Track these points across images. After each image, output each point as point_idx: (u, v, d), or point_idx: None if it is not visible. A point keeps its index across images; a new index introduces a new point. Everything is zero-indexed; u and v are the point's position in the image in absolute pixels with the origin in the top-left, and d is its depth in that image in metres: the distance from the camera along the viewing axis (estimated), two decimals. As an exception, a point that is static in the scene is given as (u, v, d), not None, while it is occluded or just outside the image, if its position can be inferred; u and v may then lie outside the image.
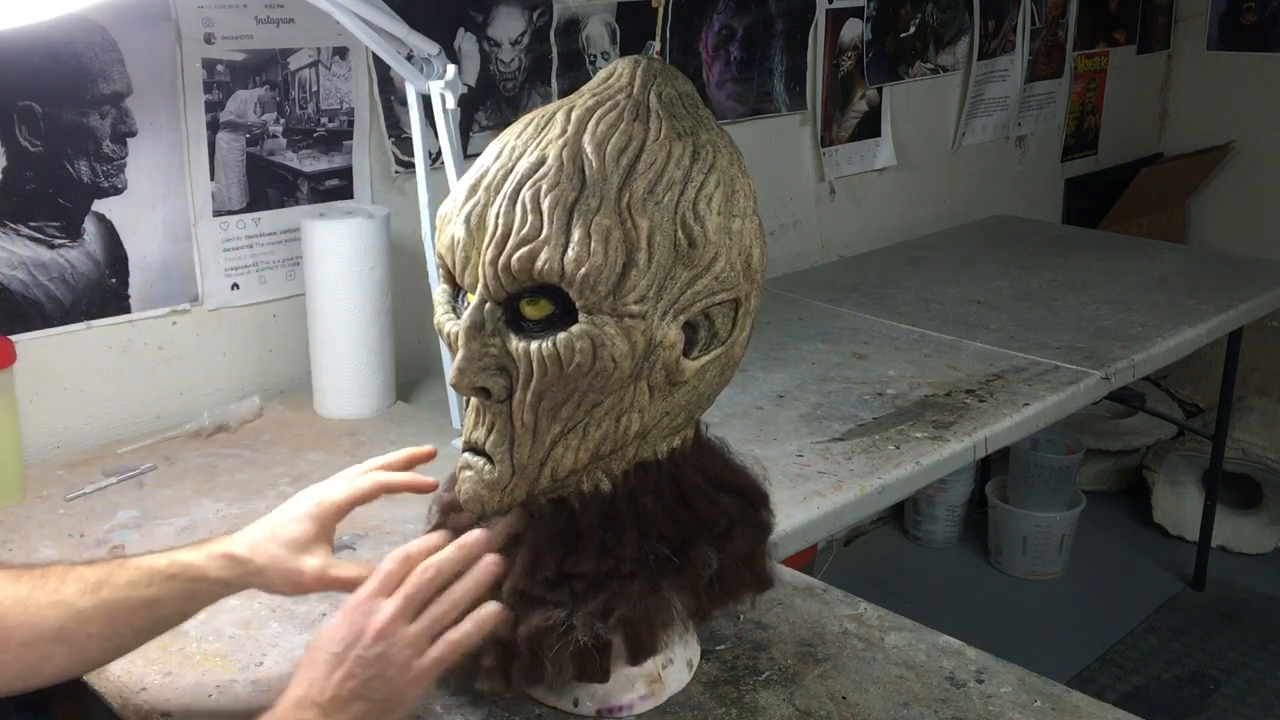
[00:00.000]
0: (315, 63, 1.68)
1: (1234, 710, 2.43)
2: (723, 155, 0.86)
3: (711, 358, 0.87)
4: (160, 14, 1.52)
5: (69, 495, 1.39)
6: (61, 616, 0.89)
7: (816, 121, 2.52)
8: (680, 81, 0.89)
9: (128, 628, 0.91)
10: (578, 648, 0.88)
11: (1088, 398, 1.89)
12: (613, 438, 0.86)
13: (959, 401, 1.74)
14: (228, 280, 1.66)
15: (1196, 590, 2.85)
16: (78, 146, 1.48)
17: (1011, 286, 2.37)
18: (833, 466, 1.52)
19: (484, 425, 0.86)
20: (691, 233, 0.83)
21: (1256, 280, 2.44)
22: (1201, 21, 3.50)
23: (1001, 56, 2.93)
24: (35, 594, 0.89)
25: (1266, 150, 3.44)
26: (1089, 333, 2.07)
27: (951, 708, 0.98)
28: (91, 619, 0.90)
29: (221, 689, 1.01)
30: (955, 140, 2.91)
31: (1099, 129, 3.40)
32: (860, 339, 2.03)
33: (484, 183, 0.85)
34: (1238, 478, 3.06)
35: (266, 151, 1.66)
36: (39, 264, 1.48)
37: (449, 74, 1.46)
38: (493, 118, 1.91)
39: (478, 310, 0.84)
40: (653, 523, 0.91)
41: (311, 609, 1.13)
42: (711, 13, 2.23)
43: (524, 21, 1.92)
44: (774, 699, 0.99)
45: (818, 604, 1.14)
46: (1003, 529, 2.92)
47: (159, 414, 1.63)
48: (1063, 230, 3.07)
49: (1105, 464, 3.26)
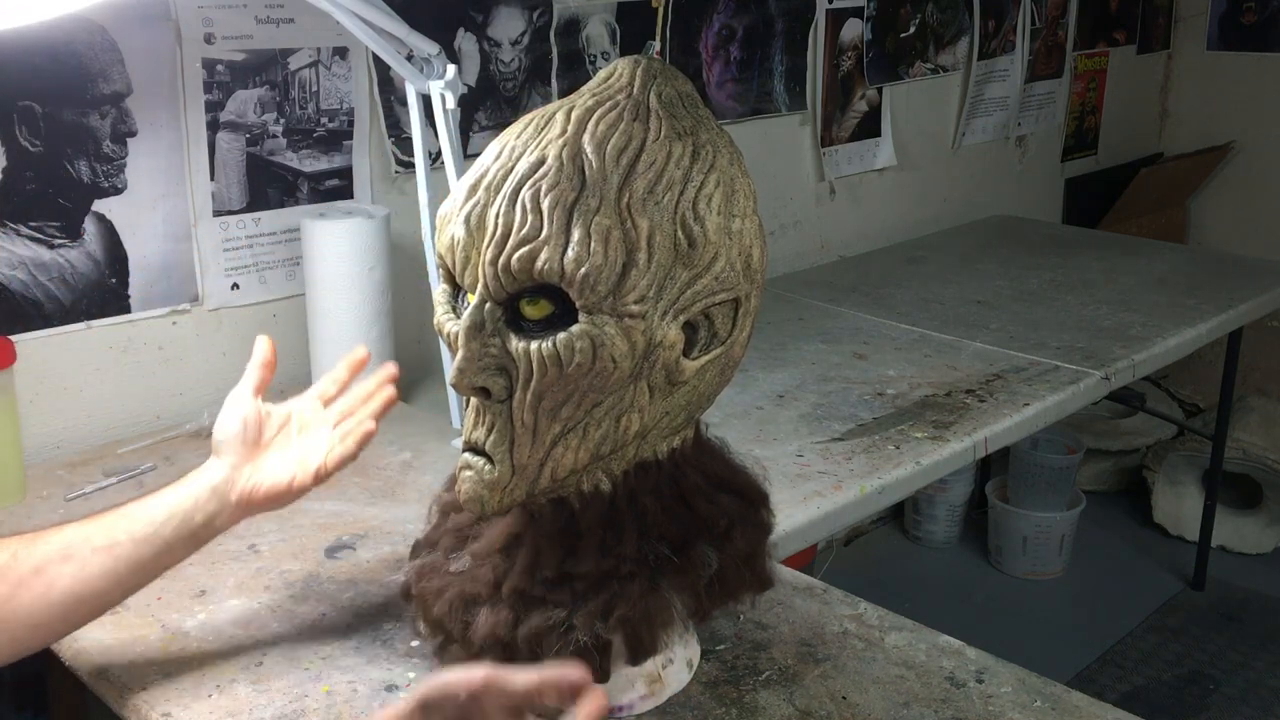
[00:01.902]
0: (315, 63, 1.68)
1: (1234, 710, 2.43)
2: (723, 155, 0.86)
3: (711, 358, 0.87)
4: (160, 14, 1.52)
5: (69, 495, 1.39)
6: (65, 537, 0.94)
7: (816, 121, 2.52)
8: (680, 81, 0.89)
9: (125, 534, 0.95)
10: (578, 648, 0.88)
11: (1088, 398, 1.89)
12: (613, 438, 0.86)
13: (959, 401, 1.74)
14: (228, 280, 1.66)
15: (1196, 590, 2.85)
16: (78, 146, 1.48)
17: (1011, 286, 2.37)
18: (833, 466, 1.52)
19: (484, 425, 0.86)
20: (691, 233, 0.83)
21: (1256, 280, 2.44)
22: (1201, 21, 3.50)
23: (1001, 56, 2.93)
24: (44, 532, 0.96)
25: (1266, 150, 3.44)
26: (1089, 333, 2.07)
27: (951, 708, 0.98)
28: (93, 533, 0.95)
29: (221, 689, 1.01)
30: (955, 140, 2.91)
31: (1099, 129, 3.40)
32: (860, 339, 2.03)
33: (484, 183, 0.85)
34: (1238, 478, 3.06)
35: (266, 151, 1.66)
36: (39, 264, 1.48)
37: (449, 74, 1.46)
38: (493, 118, 1.91)
39: (478, 310, 0.84)
40: (653, 523, 0.91)
41: (311, 609, 1.13)
42: (711, 13, 2.23)
43: (524, 21, 1.92)
44: (774, 699, 0.99)
45: (818, 604, 1.14)
46: (1003, 529, 2.93)
47: (159, 414, 1.63)
48: (1063, 230, 3.07)
49: (1105, 464, 3.26)
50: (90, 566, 0.94)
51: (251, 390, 1.01)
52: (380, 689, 1.01)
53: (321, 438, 1.03)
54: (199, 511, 0.97)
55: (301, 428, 1.03)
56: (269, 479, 0.99)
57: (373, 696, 1.00)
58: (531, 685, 0.74)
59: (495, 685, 0.75)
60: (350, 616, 1.12)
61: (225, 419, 1.00)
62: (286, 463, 1.00)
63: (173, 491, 0.98)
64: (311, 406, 1.06)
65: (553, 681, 0.74)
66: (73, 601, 0.94)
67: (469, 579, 0.92)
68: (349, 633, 1.10)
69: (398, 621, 1.10)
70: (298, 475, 1.00)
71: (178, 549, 0.97)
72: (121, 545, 0.95)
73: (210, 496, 0.97)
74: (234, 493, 0.98)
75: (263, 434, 1.00)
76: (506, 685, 0.75)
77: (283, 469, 1.00)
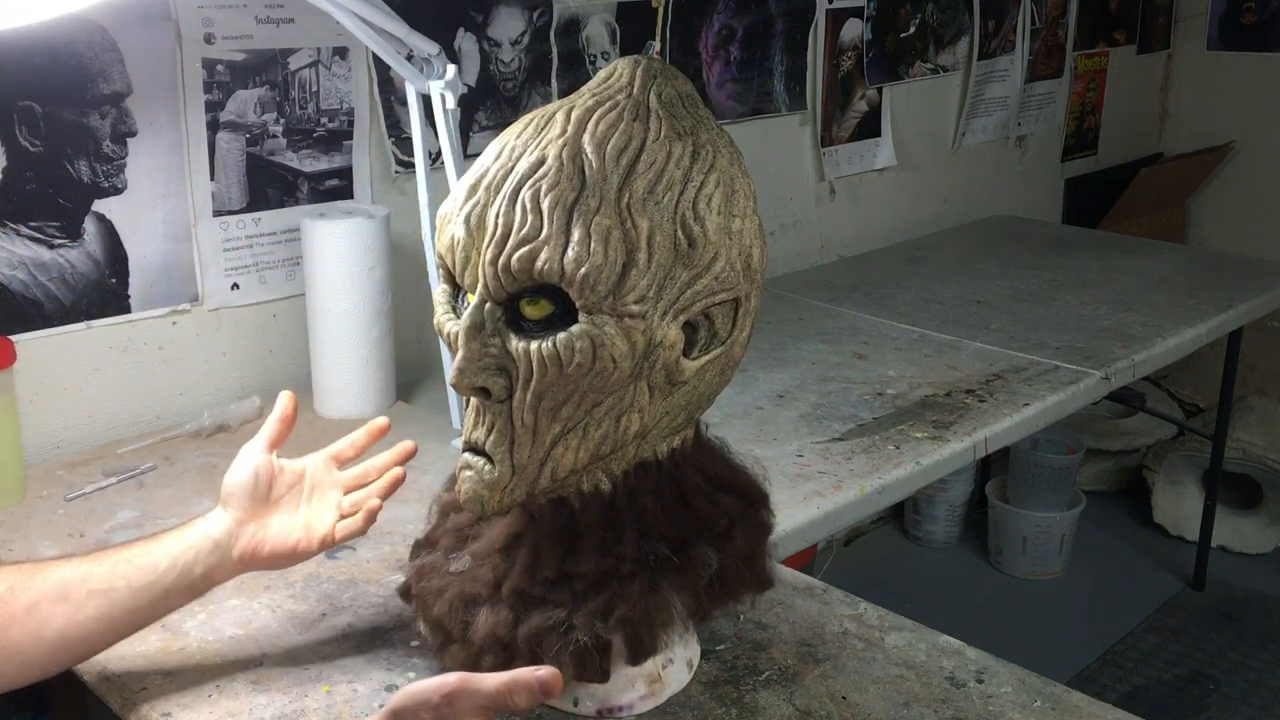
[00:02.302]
0: (315, 63, 1.68)
1: (1234, 710, 2.43)
2: (723, 155, 0.86)
3: (711, 358, 0.87)
4: (160, 14, 1.52)
5: (69, 495, 1.39)
6: (64, 575, 0.94)
7: (816, 121, 2.52)
8: (680, 81, 0.89)
9: (123, 580, 0.94)
10: (578, 648, 0.88)
11: (1088, 398, 1.89)
12: (613, 438, 0.86)
13: (959, 401, 1.74)
14: (228, 280, 1.66)
15: (1196, 590, 2.85)
16: (78, 146, 1.48)
17: (1011, 286, 2.37)
18: (833, 466, 1.52)
19: (484, 425, 0.86)
20: (691, 233, 0.83)
21: (1256, 280, 2.44)
22: (1201, 21, 3.50)
23: (1001, 56, 2.93)
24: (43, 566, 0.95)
25: (1266, 150, 3.44)
26: (1089, 333, 2.07)
27: (951, 708, 0.98)
28: (92, 574, 0.94)
29: (221, 689, 1.01)
30: (955, 140, 2.91)
31: (1099, 129, 3.40)
32: (860, 339, 2.03)
33: (484, 183, 0.85)
34: (1238, 478, 3.06)
35: (266, 151, 1.66)
36: (39, 264, 1.48)
37: (449, 74, 1.46)
38: (493, 118, 1.91)
39: (478, 310, 0.84)
40: (653, 523, 0.91)
41: (311, 609, 1.13)
42: (711, 13, 2.23)
43: (524, 21, 1.92)
44: (774, 699, 0.99)
45: (818, 604, 1.14)
46: (1003, 529, 2.93)
47: (159, 414, 1.63)
48: (1063, 230, 3.07)
49: (1105, 464, 3.26)
50: (85, 610, 0.93)
51: (266, 444, 1.01)
52: (380, 689, 1.01)
53: (330, 502, 1.02)
54: (199, 564, 0.97)
55: (314, 487, 1.02)
56: (273, 540, 0.99)
57: (373, 696, 1.00)
58: (502, 686, 0.76)
59: (467, 688, 0.76)
60: (350, 616, 1.12)
61: (237, 470, 0.99)
62: (293, 526, 1.00)
63: (176, 539, 0.97)
64: (325, 467, 1.04)
65: (523, 681, 0.76)
66: (62, 643, 0.93)
67: (469, 579, 0.92)
68: (349, 632, 1.10)
69: (398, 621, 1.11)
70: (302, 541, 1.00)
71: (174, 599, 0.97)
72: (118, 592, 0.94)
73: (212, 550, 0.97)
74: (236, 549, 0.98)
75: (273, 490, 1.00)
76: (478, 688, 0.76)
77: (289, 532, 0.99)
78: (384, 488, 1.04)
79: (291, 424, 1.03)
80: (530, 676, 0.76)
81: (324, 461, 1.04)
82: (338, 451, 1.06)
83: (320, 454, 1.05)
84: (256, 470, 0.99)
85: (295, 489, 1.02)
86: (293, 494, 1.01)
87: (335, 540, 1.01)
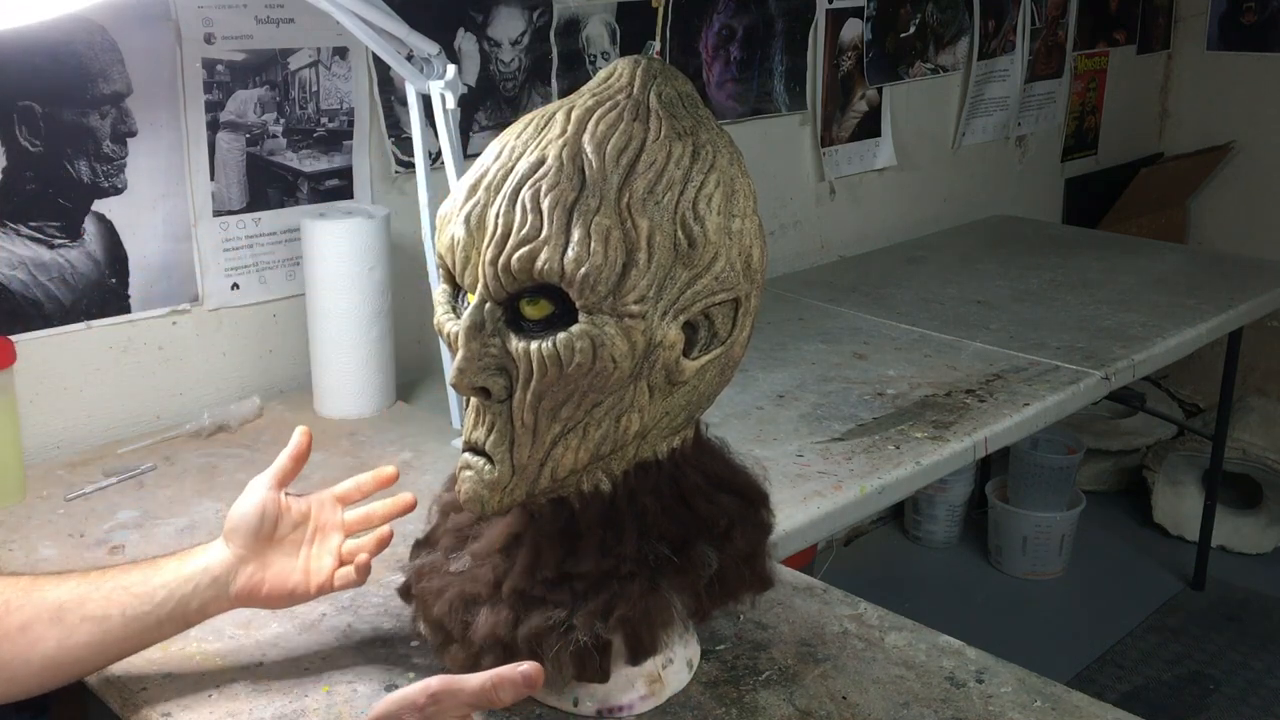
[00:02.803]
0: (315, 63, 1.68)
1: (1234, 710, 2.43)
2: (723, 155, 0.86)
3: (711, 358, 0.87)
4: (160, 14, 1.52)
5: (69, 495, 1.39)
6: (60, 595, 0.93)
7: (816, 121, 2.52)
8: (680, 81, 0.89)
9: (118, 609, 0.94)
10: (578, 648, 0.88)
11: (1088, 398, 1.89)
12: (613, 438, 0.86)
13: (959, 401, 1.74)
14: (228, 280, 1.66)
15: (1196, 590, 2.85)
16: (78, 146, 1.48)
17: (1011, 286, 2.37)
18: (833, 466, 1.52)
19: (484, 425, 0.86)
20: (691, 233, 0.83)
21: (1256, 280, 2.44)
22: (1201, 21, 3.50)
23: (1001, 56, 2.93)
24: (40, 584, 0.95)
25: (1266, 150, 3.44)
26: (1089, 333, 2.07)
27: (951, 708, 0.98)
28: (89, 598, 0.94)
29: (221, 689, 1.01)
30: (955, 140, 2.91)
31: (1099, 129, 3.40)
32: (860, 339, 2.03)
33: (484, 183, 0.85)
34: (1238, 478, 3.06)
35: (266, 151, 1.66)
36: (39, 264, 1.48)
37: (449, 74, 1.46)
38: (493, 118, 1.91)
39: (478, 310, 0.84)
40: (653, 523, 0.91)
41: (311, 609, 1.13)
42: (711, 13, 2.23)
43: (524, 21, 1.92)
44: (774, 699, 0.99)
45: (818, 604, 1.14)
46: (1003, 529, 2.93)
47: (159, 414, 1.63)
48: (1063, 230, 3.07)
49: (1105, 464, 3.26)
50: (77, 634, 0.93)
51: (275, 480, 1.00)
52: (380, 689, 1.01)
53: (331, 546, 1.02)
54: (196, 598, 0.97)
55: (317, 530, 1.02)
56: (271, 582, 0.99)
57: (373, 696, 1.00)
58: (485, 683, 0.76)
59: (450, 688, 0.77)
60: (350, 616, 1.12)
61: (244, 505, 0.99)
62: (293, 570, 1.00)
63: (175, 570, 0.97)
64: (330, 507, 1.04)
65: (506, 676, 0.76)
66: (51, 665, 0.93)
67: (469, 579, 0.92)
68: (349, 632, 1.10)
69: (398, 621, 1.11)
70: (300, 586, 1.00)
71: (167, 629, 0.97)
72: (113, 620, 0.94)
73: (210, 585, 0.97)
74: (234, 586, 0.98)
75: (278, 529, 0.99)
76: (462, 687, 0.76)
77: (288, 576, 0.99)
78: (374, 546, 1.04)
79: (303, 461, 1.02)
80: (512, 671, 0.77)
81: (330, 501, 1.04)
82: (343, 493, 1.06)
83: (326, 493, 1.05)
84: (263, 508, 0.98)
85: (299, 529, 1.01)
86: (296, 534, 1.01)
87: (333, 588, 1.01)
